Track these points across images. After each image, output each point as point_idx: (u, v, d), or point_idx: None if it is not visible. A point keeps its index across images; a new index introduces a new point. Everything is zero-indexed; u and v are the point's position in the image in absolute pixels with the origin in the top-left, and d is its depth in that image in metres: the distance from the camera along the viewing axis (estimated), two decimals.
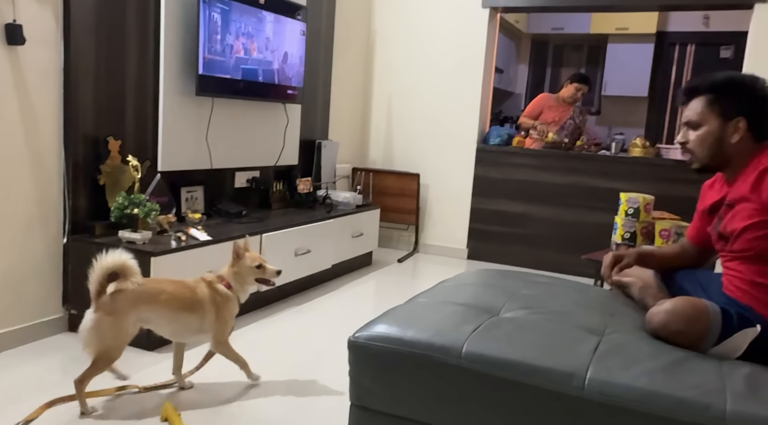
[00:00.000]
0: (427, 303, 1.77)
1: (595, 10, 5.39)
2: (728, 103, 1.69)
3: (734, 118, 1.68)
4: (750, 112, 1.67)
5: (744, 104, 1.68)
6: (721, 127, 1.70)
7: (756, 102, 1.68)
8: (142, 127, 2.86)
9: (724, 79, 1.72)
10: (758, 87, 1.69)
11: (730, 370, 1.40)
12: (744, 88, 1.70)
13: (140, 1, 2.77)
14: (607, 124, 6.73)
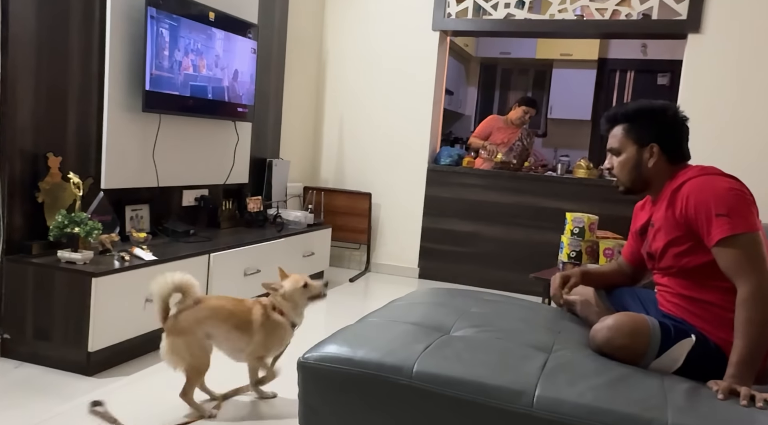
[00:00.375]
0: (378, 322, 1.76)
1: (539, 36, 5.57)
2: (642, 130, 1.80)
3: (648, 143, 1.79)
4: (662, 137, 1.78)
5: (656, 130, 1.79)
6: (638, 153, 1.80)
7: (667, 128, 1.79)
8: (85, 144, 2.77)
9: (637, 107, 1.82)
10: (669, 114, 1.80)
11: (671, 385, 1.44)
12: (655, 115, 1.80)
13: (84, 16, 2.70)
14: (553, 146, 6.93)
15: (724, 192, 1.62)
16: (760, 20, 3.86)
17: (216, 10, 3.25)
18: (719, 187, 1.63)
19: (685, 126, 1.82)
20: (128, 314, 2.49)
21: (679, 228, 1.68)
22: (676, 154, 1.80)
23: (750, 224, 1.57)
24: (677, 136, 1.81)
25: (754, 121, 3.91)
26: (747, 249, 1.54)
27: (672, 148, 1.79)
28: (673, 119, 1.80)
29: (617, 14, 4.16)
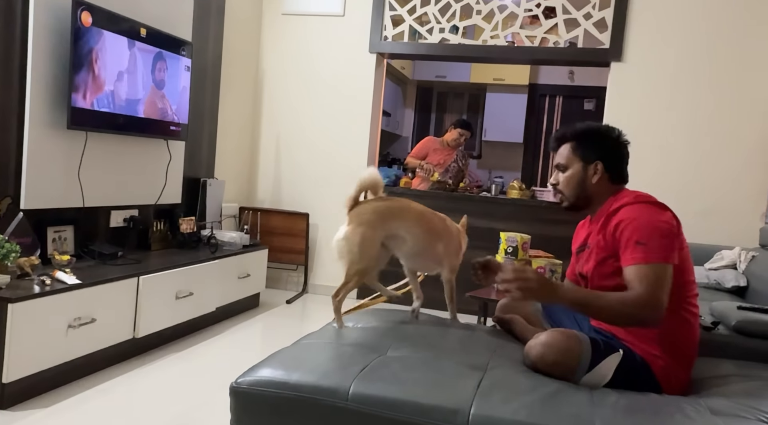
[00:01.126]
0: (314, 344, 1.74)
1: (473, 60, 5.73)
2: (588, 148, 1.92)
3: (594, 161, 1.91)
4: (606, 156, 1.92)
5: (601, 149, 1.92)
6: (583, 169, 1.92)
7: (611, 148, 1.94)
8: (3, 161, 2.62)
9: (586, 127, 1.96)
10: (613, 135, 1.95)
11: (600, 399, 1.48)
12: (601, 135, 1.95)
13: (4, 27, 2.57)
14: (488, 168, 7.11)
15: (652, 223, 1.72)
16: (676, 50, 4.12)
17: (148, 27, 3.17)
18: (649, 217, 1.74)
19: (626, 149, 1.97)
20: (49, 341, 2.35)
21: (608, 250, 1.77)
22: (617, 173, 1.93)
23: (664, 257, 1.67)
24: (620, 156, 1.95)
25: (673, 145, 4.15)
26: (654, 272, 1.63)
27: (614, 167, 1.93)
28: (617, 140, 1.95)
29: (546, 42, 4.34)
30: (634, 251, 1.67)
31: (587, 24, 4.24)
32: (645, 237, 1.68)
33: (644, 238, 1.68)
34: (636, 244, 1.67)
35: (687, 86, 4.11)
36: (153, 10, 3.33)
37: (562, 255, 3.71)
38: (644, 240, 1.67)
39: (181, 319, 3.19)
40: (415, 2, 4.50)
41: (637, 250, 1.66)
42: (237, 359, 3.09)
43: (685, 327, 1.75)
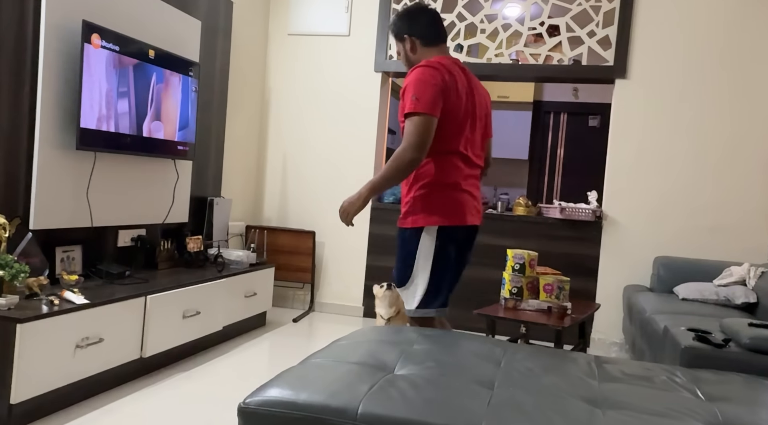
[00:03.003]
0: (322, 363, 1.73)
1: (478, 78, 5.76)
2: (396, 30, 2.38)
3: (403, 37, 2.35)
4: (408, 28, 2.34)
5: (404, 25, 2.35)
6: (403, 46, 2.38)
7: (409, 20, 2.34)
8: (13, 182, 2.65)
9: (393, 18, 2.42)
10: (411, 10, 2.36)
11: (606, 413, 1.47)
12: (399, 16, 2.37)
13: (16, 50, 2.62)
14: (493, 185, 7.11)
15: (425, 80, 2.15)
16: (681, 66, 4.14)
17: (156, 48, 3.22)
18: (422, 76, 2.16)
19: (425, 14, 2.35)
20: (57, 362, 2.35)
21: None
22: (426, 37, 2.33)
23: (429, 108, 2.13)
24: (419, 23, 2.33)
25: (680, 161, 4.15)
26: (416, 124, 2.12)
27: (420, 33, 2.33)
28: (414, 12, 2.35)
29: (550, 59, 4.37)
30: (408, 102, 2.13)
31: (591, 41, 4.27)
32: (417, 93, 2.13)
33: (416, 93, 2.13)
34: (410, 97, 2.13)
35: (693, 102, 4.12)
36: (161, 31, 3.38)
37: (570, 271, 3.71)
38: (417, 95, 2.13)
39: (188, 338, 3.18)
40: None
41: (409, 101, 2.13)
42: (244, 378, 3.09)
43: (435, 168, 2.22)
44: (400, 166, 2.13)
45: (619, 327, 4.18)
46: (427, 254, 2.23)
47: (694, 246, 4.08)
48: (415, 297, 2.26)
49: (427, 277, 2.24)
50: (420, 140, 2.11)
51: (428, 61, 2.22)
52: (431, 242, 2.23)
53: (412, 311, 2.29)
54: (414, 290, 2.26)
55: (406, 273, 2.27)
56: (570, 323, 3.01)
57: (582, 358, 2.00)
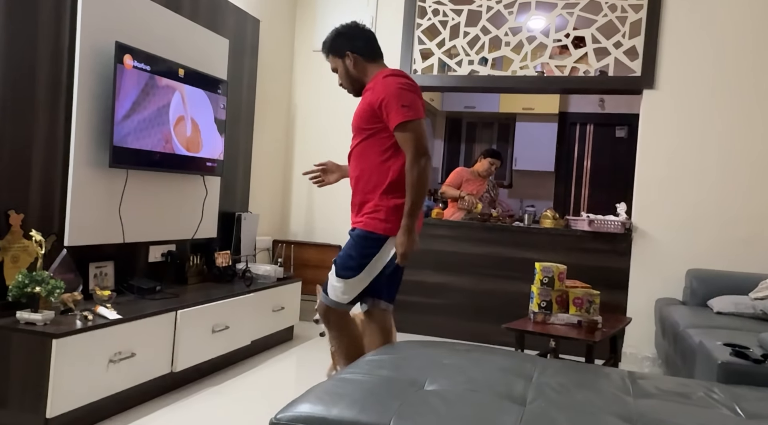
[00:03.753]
0: (352, 378, 1.73)
1: (502, 91, 5.76)
2: (336, 47, 2.44)
3: (344, 54, 2.42)
4: (349, 45, 2.41)
5: (344, 43, 2.42)
6: (343, 63, 2.44)
7: (349, 37, 2.43)
8: (49, 200, 2.71)
9: (329, 36, 2.47)
10: (349, 27, 2.45)
11: None
12: (339, 34, 2.44)
13: (52, 71, 2.70)
14: (519, 197, 7.07)
15: (406, 88, 2.26)
16: (711, 75, 4.08)
17: (186, 67, 3.29)
18: (401, 85, 2.27)
19: (364, 31, 2.45)
20: (91, 376, 2.39)
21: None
22: (366, 53, 2.43)
23: (421, 113, 2.26)
24: (360, 39, 2.43)
25: (711, 170, 4.07)
26: (417, 128, 2.24)
27: (360, 49, 2.42)
28: (352, 29, 2.44)
29: (576, 71, 4.35)
30: (398, 112, 2.22)
31: (617, 52, 4.23)
32: (406, 101, 2.23)
33: (405, 102, 2.23)
34: (399, 107, 2.22)
35: (723, 110, 4.05)
36: (190, 50, 3.45)
37: (599, 284, 3.65)
38: (406, 103, 2.23)
39: (217, 353, 3.21)
40: (443, 36, 4.57)
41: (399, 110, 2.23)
42: (273, 393, 3.09)
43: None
44: (422, 175, 2.24)
45: (651, 342, 4.10)
46: (381, 262, 2.36)
47: (728, 258, 3.99)
48: (349, 293, 2.39)
49: (368, 281, 2.38)
50: (425, 143, 2.25)
51: (393, 71, 2.39)
52: (390, 251, 2.35)
53: (333, 302, 2.43)
54: (348, 287, 2.38)
55: (355, 271, 2.36)
56: (601, 337, 2.96)
57: (615, 373, 1.97)
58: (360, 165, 2.41)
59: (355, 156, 2.44)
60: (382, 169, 2.35)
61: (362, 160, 2.40)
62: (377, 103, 2.28)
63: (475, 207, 4.63)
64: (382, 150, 2.33)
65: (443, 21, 4.57)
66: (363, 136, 2.38)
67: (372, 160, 2.36)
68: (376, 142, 2.34)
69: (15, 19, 2.50)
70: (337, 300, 2.42)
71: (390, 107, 2.23)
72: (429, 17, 4.60)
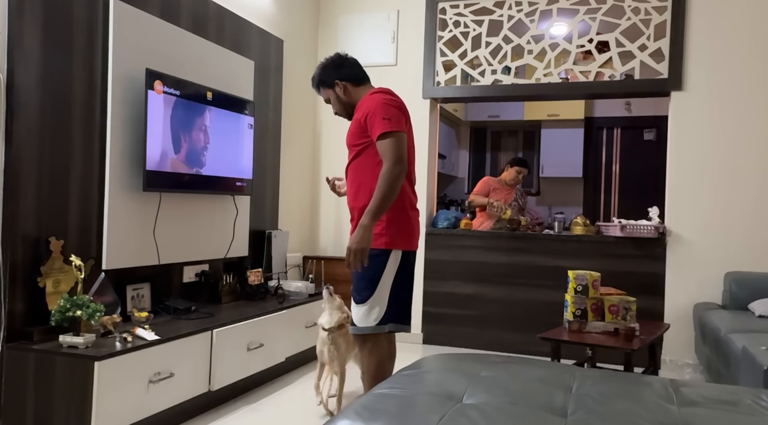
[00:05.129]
0: (389, 393, 1.73)
1: (527, 99, 5.73)
2: (325, 80, 2.56)
3: (334, 83, 2.54)
4: (337, 74, 2.53)
5: (332, 73, 2.54)
6: (335, 92, 2.55)
7: (335, 68, 2.55)
8: (87, 226, 2.79)
9: (316, 72, 2.59)
10: (333, 59, 2.57)
11: None
12: (326, 68, 2.56)
13: (86, 100, 2.78)
14: (547, 204, 7.00)
15: (389, 103, 2.36)
16: (739, 74, 4.01)
17: (213, 90, 3.35)
18: (385, 100, 2.36)
19: (347, 59, 2.58)
20: (132, 397, 2.43)
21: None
22: (353, 79, 2.54)
23: (400, 126, 2.33)
24: (346, 66, 2.55)
25: (745, 170, 3.99)
26: (395, 140, 2.31)
27: (348, 77, 2.53)
28: (336, 61, 2.56)
29: (601, 76, 4.31)
30: (380, 124, 2.30)
31: (643, 55, 4.19)
32: (387, 114, 2.31)
33: (386, 115, 2.31)
34: (382, 120, 2.30)
35: (755, 109, 3.98)
36: (217, 73, 3.53)
37: (634, 291, 3.59)
38: (387, 116, 2.31)
39: (253, 371, 3.24)
40: (465, 47, 4.58)
41: (383, 124, 2.30)
42: (309, 409, 3.10)
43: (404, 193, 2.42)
44: (392, 183, 2.27)
45: (691, 348, 4.01)
46: (392, 275, 2.40)
47: (760, 259, 3.89)
48: (372, 314, 2.41)
49: (387, 297, 2.40)
50: (401, 154, 2.30)
51: (380, 88, 2.47)
52: (396, 264, 2.41)
53: (369, 328, 2.41)
54: (372, 307, 2.40)
55: (370, 291, 2.40)
56: (640, 345, 2.90)
57: (657, 382, 1.93)
58: (356, 180, 2.47)
59: (351, 172, 2.50)
60: (375, 183, 2.36)
61: (357, 175, 2.45)
62: (363, 117, 2.38)
63: (504, 213, 4.60)
64: (375, 164, 2.37)
65: (464, 32, 4.59)
66: (355, 151, 2.44)
67: (366, 174, 2.41)
68: (369, 156, 2.40)
69: (51, 50, 2.59)
70: (366, 325, 2.42)
71: (373, 119, 2.33)
72: (450, 29, 4.62)
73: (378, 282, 2.39)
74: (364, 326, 2.42)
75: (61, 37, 2.64)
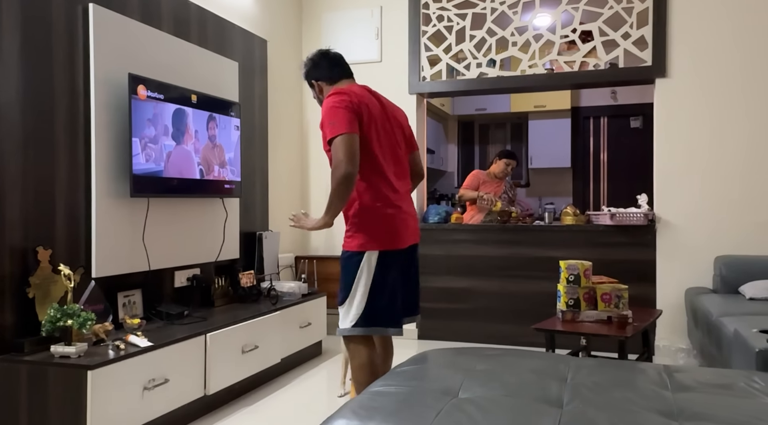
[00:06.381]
0: (385, 391, 1.73)
1: (512, 91, 5.72)
2: (307, 77, 2.61)
3: (311, 82, 2.59)
4: (313, 73, 2.58)
5: (309, 72, 2.59)
6: (313, 90, 2.62)
7: (312, 67, 2.58)
8: (75, 234, 2.76)
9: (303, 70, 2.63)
10: (310, 58, 2.60)
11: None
12: (305, 66, 2.60)
13: (69, 106, 2.75)
14: (537, 195, 7.03)
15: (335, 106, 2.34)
16: (722, 59, 4.03)
17: (198, 92, 3.33)
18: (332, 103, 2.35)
19: (324, 58, 2.58)
20: (127, 405, 2.42)
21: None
22: (328, 77, 2.56)
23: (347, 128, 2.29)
24: (320, 67, 2.57)
25: (731, 155, 4.02)
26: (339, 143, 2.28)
27: (322, 76, 2.56)
28: (313, 59, 2.58)
29: (585, 65, 4.32)
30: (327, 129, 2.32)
31: (626, 43, 4.20)
32: (330, 118, 2.32)
33: (330, 119, 2.32)
34: (328, 125, 2.32)
35: (740, 93, 4.00)
36: (201, 76, 3.50)
37: (626, 278, 3.61)
38: (329, 121, 2.31)
39: (248, 373, 3.22)
40: (450, 41, 4.58)
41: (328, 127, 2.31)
42: (307, 409, 3.10)
43: (367, 192, 2.40)
44: (338, 184, 2.27)
45: (683, 333, 4.04)
46: (367, 277, 2.37)
47: (757, 242, 3.92)
48: (348, 316, 2.40)
49: (364, 299, 2.37)
50: (348, 155, 2.27)
51: (335, 89, 2.45)
52: (371, 266, 2.37)
53: (345, 330, 2.41)
54: (349, 310, 2.40)
55: (346, 292, 2.40)
56: (633, 332, 2.92)
57: (651, 368, 1.94)
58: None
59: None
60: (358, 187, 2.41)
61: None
62: (320, 124, 2.40)
63: (494, 205, 4.60)
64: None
65: (448, 26, 4.58)
66: (329, 156, 2.40)
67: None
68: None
69: (31, 58, 2.56)
70: (343, 326, 2.42)
71: (323, 128, 2.36)
72: (434, 24, 4.62)
73: (352, 284, 2.39)
74: (342, 327, 2.43)
75: (40, 45, 2.61)
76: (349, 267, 2.40)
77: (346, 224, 2.48)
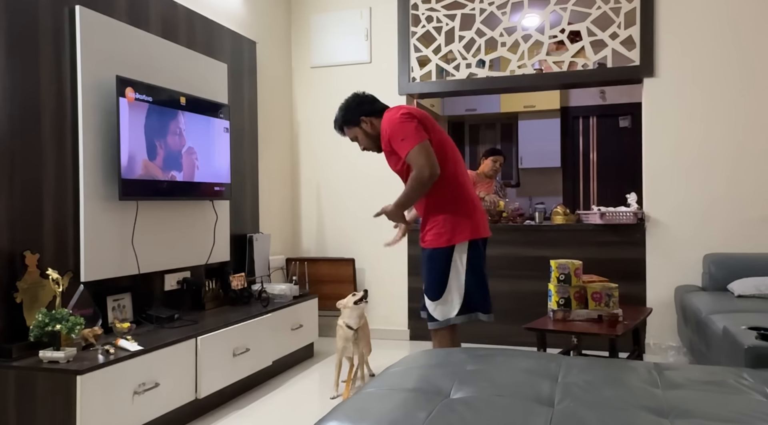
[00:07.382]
0: (377, 392, 1.72)
1: (502, 91, 5.73)
2: (349, 120, 2.70)
3: (359, 121, 2.67)
4: (360, 111, 2.66)
5: (354, 113, 2.68)
6: (362, 130, 2.68)
7: (355, 107, 2.68)
8: (63, 238, 2.74)
9: (338, 116, 2.72)
10: (351, 100, 2.71)
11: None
12: (347, 109, 2.69)
13: (56, 109, 2.73)
14: (527, 195, 7.05)
15: (399, 122, 2.49)
16: (710, 58, 4.06)
17: (187, 95, 3.31)
18: (393, 122, 2.51)
19: (364, 95, 2.72)
20: (117, 409, 2.40)
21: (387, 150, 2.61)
22: (375, 112, 2.66)
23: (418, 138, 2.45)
24: (365, 103, 2.69)
25: (720, 153, 4.05)
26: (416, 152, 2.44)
27: (370, 112, 2.66)
28: (354, 100, 2.70)
29: (574, 65, 4.34)
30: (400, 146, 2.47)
31: (614, 43, 4.23)
32: (401, 135, 2.47)
33: (400, 135, 2.47)
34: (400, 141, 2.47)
35: (727, 92, 4.03)
36: (190, 77, 3.48)
37: (616, 277, 3.62)
38: (401, 137, 2.46)
39: (239, 376, 3.21)
40: (439, 42, 4.58)
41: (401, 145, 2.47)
42: (298, 412, 3.09)
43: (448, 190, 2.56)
44: (415, 184, 2.46)
45: (674, 331, 4.06)
46: (461, 267, 2.55)
47: (745, 240, 3.95)
48: (450, 306, 2.56)
49: (462, 288, 2.55)
50: (428, 160, 2.44)
51: (390, 109, 2.62)
52: (462, 256, 2.55)
53: (449, 320, 2.56)
54: (448, 301, 2.56)
55: (441, 287, 2.56)
56: (623, 330, 2.93)
57: (642, 366, 1.95)
58: (420, 199, 2.64)
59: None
60: (435, 193, 2.58)
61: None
62: (388, 142, 2.55)
63: (497, 206, 4.60)
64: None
65: (437, 27, 4.59)
66: (404, 173, 2.58)
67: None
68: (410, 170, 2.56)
69: (16, 61, 2.54)
70: (448, 316, 2.56)
71: (395, 145, 2.51)
72: (423, 24, 4.62)
73: (447, 278, 2.54)
74: (442, 319, 2.57)
75: (26, 47, 2.59)
76: (440, 263, 2.55)
77: (427, 224, 2.62)
